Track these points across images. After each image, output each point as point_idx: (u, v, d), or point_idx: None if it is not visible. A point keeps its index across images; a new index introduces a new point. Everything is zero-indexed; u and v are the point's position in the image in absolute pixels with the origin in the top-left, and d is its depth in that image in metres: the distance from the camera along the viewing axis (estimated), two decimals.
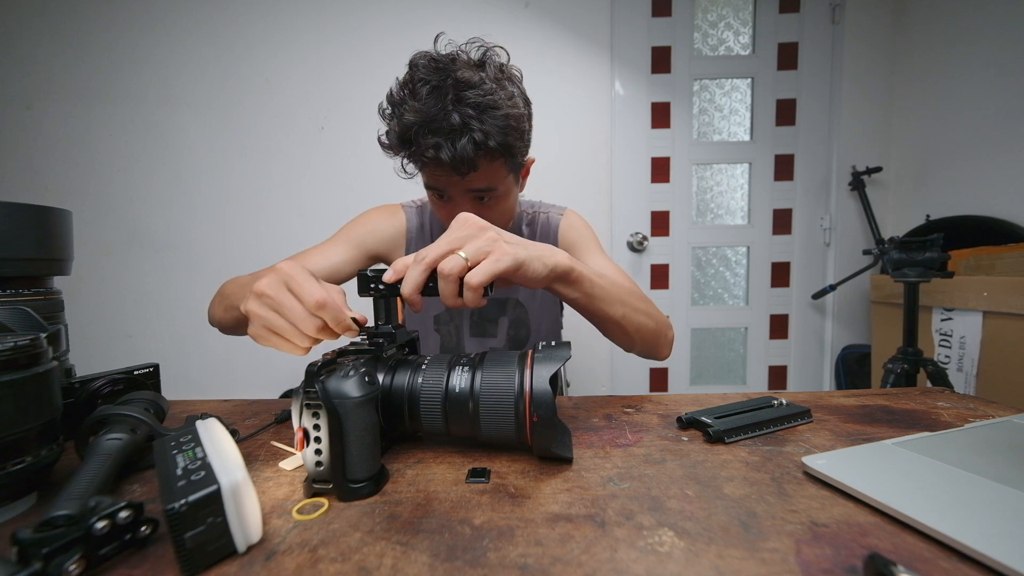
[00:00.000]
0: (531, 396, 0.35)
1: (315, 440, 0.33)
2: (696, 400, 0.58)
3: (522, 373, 0.36)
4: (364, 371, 0.34)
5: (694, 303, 1.80)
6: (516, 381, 0.36)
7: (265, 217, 1.67)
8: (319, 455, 0.33)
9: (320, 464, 0.33)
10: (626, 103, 1.70)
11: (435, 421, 0.38)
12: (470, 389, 0.37)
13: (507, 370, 0.37)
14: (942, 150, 1.55)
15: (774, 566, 0.26)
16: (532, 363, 0.36)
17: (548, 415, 0.35)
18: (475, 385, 0.37)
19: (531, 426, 0.36)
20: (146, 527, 0.28)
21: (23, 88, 1.61)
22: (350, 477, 0.33)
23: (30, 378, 0.32)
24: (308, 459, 0.33)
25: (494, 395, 0.36)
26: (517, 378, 0.36)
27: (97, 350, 1.67)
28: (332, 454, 0.32)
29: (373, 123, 0.65)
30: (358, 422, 0.33)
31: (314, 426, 0.32)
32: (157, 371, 0.51)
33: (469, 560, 0.27)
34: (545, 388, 0.35)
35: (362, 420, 0.33)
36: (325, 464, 0.33)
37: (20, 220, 0.43)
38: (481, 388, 0.37)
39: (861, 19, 1.67)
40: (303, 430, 0.32)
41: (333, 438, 0.32)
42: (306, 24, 1.63)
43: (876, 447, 0.40)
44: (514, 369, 0.37)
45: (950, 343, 1.28)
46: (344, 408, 0.32)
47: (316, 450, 0.33)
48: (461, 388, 0.37)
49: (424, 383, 0.38)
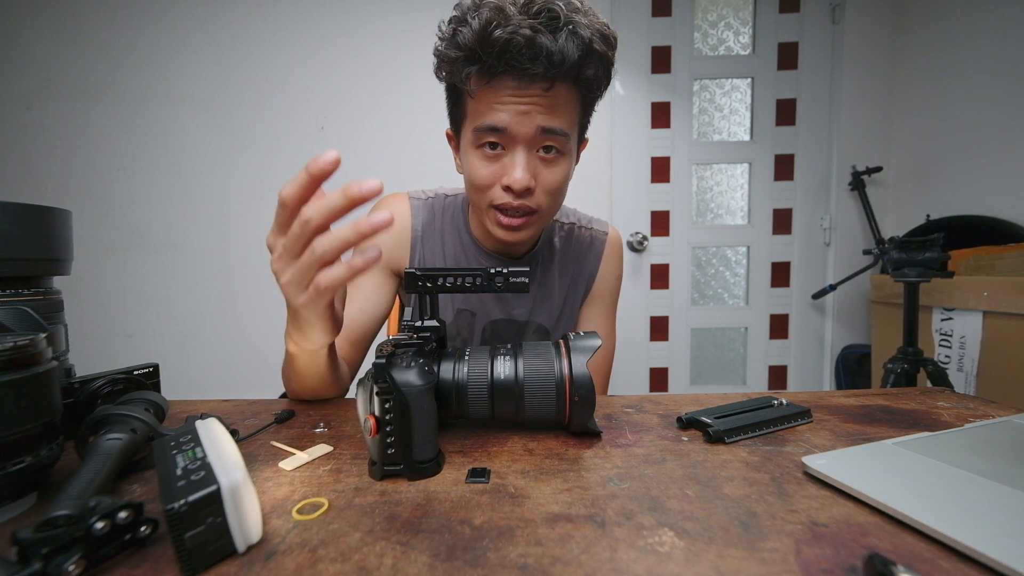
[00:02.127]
0: (572, 379, 0.40)
1: (385, 430, 0.35)
2: (696, 400, 0.58)
3: (561, 360, 0.41)
4: (423, 361, 0.37)
5: (694, 303, 1.80)
6: (557, 367, 0.41)
7: (265, 217, 1.66)
8: (389, 440, 0.36)
9: (391, 449, 0.36)
10: (626, 103, 1.70)
11: (481, 407, 0.42)
12: (515, 376, 0.41)
13: (547, 358, 0.41)
14: (942, 150, 1.55)
15: (774, 566, 0.26)
16: (569, 351, 0.41)
17: (587, 395, 0.39)
18: (519, 372, 0.41)
19: (571, 405, 0.40)
20: (146, 527, 0.28)
21: (23, 88, 1.61)
22: (417, 458, 0.36)
23: (30, 378, 0.32)
24: (379, 444, 0.35)
25: (538, 380, 0.40)
26: (557, 364, 0.41)
27: (97, 350, 1.67)
28: (402, 438, 0.35)
29: (373, 123, 0.65)
30: (422, 408, 0.36)
31: (385, 413, 0.35)
32: (157, 371, 0.51)
33: (469, 560, 0.27)
34: (584, 371, 0.40)
35: (425, 406, 0.36)
36: (395, 448, 0.36)
37: (20, 220, 0.43)
38: (525, 375, 0.41)
39: (861, 19, 1.67)
40: (375, 417, 0.35)
41: (403, 423, 0.35)
42: (306, 24, 1.63)
43: (876, 447, 0.40)
44: (552, 357, 0.41)
45: (950, 343, 1.28)
46: (411, 395, 0.35)
47: (387, 435, 0.35)
48: (506, 375, 0.41)
49: (471, 372, 0.41)
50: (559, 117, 0.52)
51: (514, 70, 0.49)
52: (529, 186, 0.53)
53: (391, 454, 0.36)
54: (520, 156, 0.53)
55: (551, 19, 0.47)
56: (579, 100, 0.54)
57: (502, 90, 0.50)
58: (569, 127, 0.54)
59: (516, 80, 0.50)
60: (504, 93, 0.50)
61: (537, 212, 0.56)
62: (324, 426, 0.50)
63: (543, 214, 0.58)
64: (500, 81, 0.50)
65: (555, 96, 0.51)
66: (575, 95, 0.53)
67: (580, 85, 0.52)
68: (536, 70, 0.48)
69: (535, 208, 0.56)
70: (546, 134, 0.52)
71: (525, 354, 0.42)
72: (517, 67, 0.48)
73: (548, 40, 0.47)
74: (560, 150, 0.54)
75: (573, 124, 0.55)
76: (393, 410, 0.35)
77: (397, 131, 1.63)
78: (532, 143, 0.53)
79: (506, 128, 0.52)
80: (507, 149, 0.54)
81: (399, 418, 0.35)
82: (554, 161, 0.55)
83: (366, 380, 0.36)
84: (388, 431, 0.35)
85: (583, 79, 0.51)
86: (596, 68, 0.51)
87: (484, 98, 0.52)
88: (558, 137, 0.53)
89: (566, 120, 0.53)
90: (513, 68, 0.48)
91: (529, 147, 0.53)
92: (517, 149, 0.53)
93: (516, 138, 0.52)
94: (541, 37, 0.47)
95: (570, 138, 0.55)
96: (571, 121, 0.54)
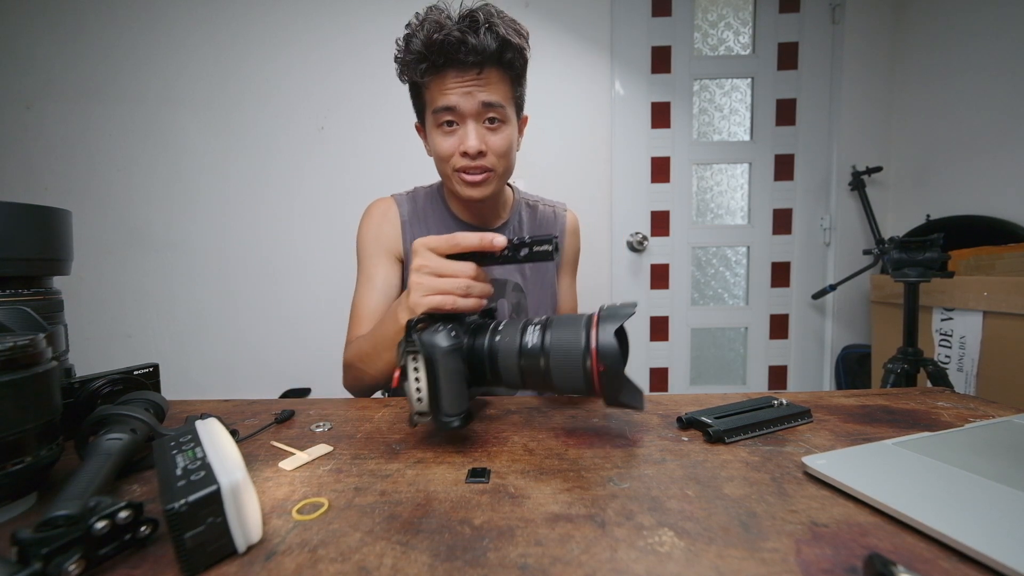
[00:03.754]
0: (597, 348, 0.38)
1: (414, 379, 0.40)
2: (696, 400, 0.58)
3: (588, 329, 0.39)
4: (451, 327, 0.41)
5: (694, 303, 1.80)
6: (583, 336, 0.39)
7: (265, 217, 1.67)
8: (419, 392, 0.40)
9: (420, 399, 0.40)
10: (626, 103, 1.70)
11: (512, 376, 0.43)
12: (540, 346, 0.41)
13: (575, 327, 0.40)
14: (942, 150, 1.55)
15: (774, 566, 0.26)
16: (598, 320, 0.40)
17: (614, 365, 0.38)
18: (545, 342, 0.41)
19: (599, 376, 0.39)
20: (146, 527, 0.28)
21: (23, 88, 1.61)
22: (444, 412, 0.40)
23: (30, 378, 0.32)
24: (411, 395, 0.41)
25: (563, 349, 0.40)
26: (584, 333, 0.39)
27: (97, 350, 1.67)
28: (429, 392, 0.40)
29: (373, 123, 0.66)
30: (447, 367, 0.40)
31: (413, 368, 0.40)
32: (157, 371, 0.51)
33: (469, 560, 0.27)
34: (610, 340, 0.38)
35: (450, 366, 0.40)
36: (424, 400, 0.40)
37: (20, 220, 0.43)
38: (551, 344, 0.40)
39: (861, 19, 1.67)
40: (400, 368, 0.40)
41: (430, 379, 0.40)
42: (306, 24, 1.63)
43: (876, 447, 0.40)
44: (581, 326, 0.40)
45: (950, 343, 1.28)
46: (435, 354, 0.39)
47: (416, 388, 0.40)
48: (533, 345, 0.41)
49: (500, 342, 0.43)
50: (494, 92, 0.68)
51: (453, 62, 0.65)
52: (481, 149, 0.68)
53: (420, 404, 0.40)
54: (471, 127, 0.68)
55: (473, 23, 0.64)
56: (507, 79, 0.70)
57: (448, 78, 0.66)
58: (504, 100, 0.69)
59: (456, 69, 0.65)
60: (449, 80, 0.66)
61: (493, 171, 0.71)
62: (324, 426, 0.51)
63: (498, 173, 0.72)
64: (445, 72, 0.66)
65: (488, 78, 0.66)
66: (503, 75, 0.69)
67: (504, 67, 0.68)
68: (467, 59, 0.64)
69: (491, 168, 0.70)
70: (487, 107, 0.67)
71: (554, 325, 0.41)
72: (455, 59, 0.64)
73: (473, 37, 0.63)
74: (501, 119, 0.69)
75: (508, 98, 0.70)
76: (421, 367, 0.40)
77: (397, 131, 1.63)
78: (478, 116, 0.68)
79: (455, 106, 0.67)
80: (460, 124, 0.68)
81: (426, 374, 0.40)
82: (498, 129, 0.70)
83: (402, 341, 0.40)
84: (418, 386, 0.40)
85: (505, 62, 0.67)
86: (512, 53, 0.67)
87: (436, 87, 0.67)
88: (497, 108, 0.68)
89: (500, 94, 0.68)
90: (452, 60, 0.64)
91: (476, 119, 0.68)
92: (467, 122, 0.68)
93: (465, 113, 0.67)
94: (468, 36, 0.63)
95: (507, 109, 0.70)
96: (505, 95, 0.70)
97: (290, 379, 1.70)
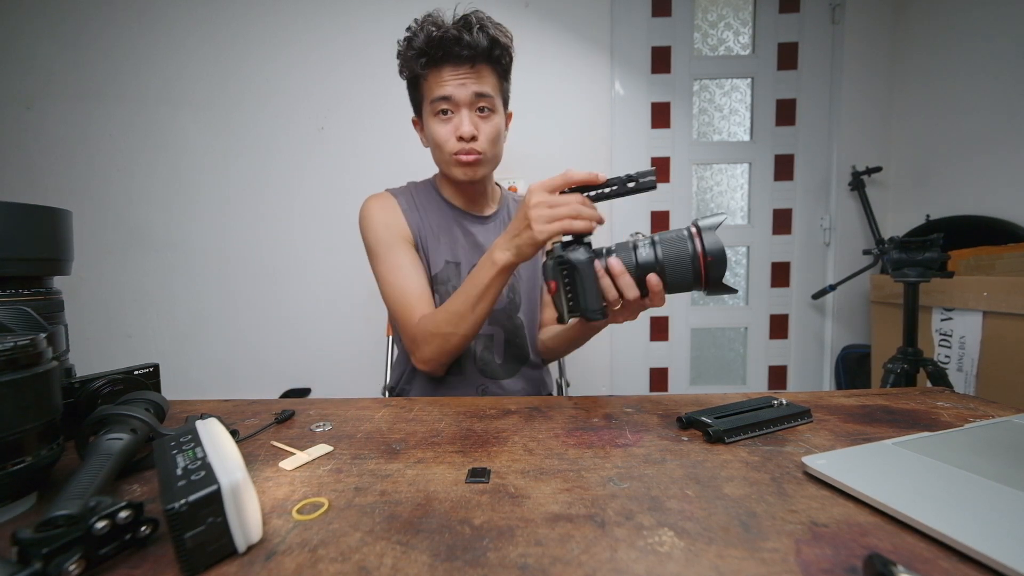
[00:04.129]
0: (704, 246, 0.48)
1: (565, 287, 0.52)
2: (696, 400, 0.58)
3: (692, 238, 0.49)
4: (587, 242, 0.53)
5: (694, 303, 1.80)
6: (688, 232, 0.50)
7: (265, 217, 1.67)
8: (569, 298, 0.52)
9: (571, 301, 0.52)
10: (626, 103, 1.70)
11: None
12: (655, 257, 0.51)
13: (680, 233, 0.50)
14: (942, 150, 1.55)
15: (774, 566, 0.26)
16: (699, 230, 0.49)
17: (718, 251, 0.48)
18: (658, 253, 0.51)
19: (705, 265, 0.48)
20: (146, 527, 0.28)
21: (23, 88, 1.61)
22: (589, 308, 0.51)
23: (30, 378, 0.32)
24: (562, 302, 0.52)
25: (675, 248, 0.50)
26: (687, 232, 0.50)
27: (97, 350, 1.67)
28: (577, 293, 0.51)
29: (373, 123, 0.66)
30: (586, 274, 0.51)
31: (564, 279, 0.52)
32: (157, 371, 0.51)
33: (469, 560, 0.27)
34: (715, 236, 0.48)
35: (589, 273, 0.51)
36: (575, 301, 0.52)
37: (20, 220, 0.43)
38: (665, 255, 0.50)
39: (861, 19, 1.67)
40: (554, 282, 0.52)
41: (576, 284, 0.51)
42: (306, 24, 1.63)
43: (876, 447, 0.40)
44: (685, 232, 0.50)
45: (950, 343, 1.28)
46: (580, 265, 0.51)
47: (568, 295, 0.52)
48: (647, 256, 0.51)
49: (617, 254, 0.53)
50: (485, 84, 0.76)
51: (450, 56, 0.74)
52: (474, 133, 0.76)
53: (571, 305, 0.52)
54: (464, 115, 0.76)
55: (467, 23, 0.73)
56: (495, 73, 0.78)
57: (444, 71, 0.75)
58: (493, 91, 0.78)
59: (452, 63, 0.74)
60: (446, 73, 0.75)
61: (483, 155, 0.78)
62: (324, 426, 0.51)
63: (488, 157, 0.79)
64: (442, 66, 0.75)
65: (479, 71, 0.75)
66: (492, 70, 0.78)
67: (493, 63, 0.77)
68: (462, 53, 0.73)
69: (481, 152, 0.78)
70: (479, 97, 0.76)
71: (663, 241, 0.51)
72: (451, 53, 0.73)
73: (467, 35, 0.72)
74: (491, 109, 0.78)
75: (496, 90, 0.79)
76: (572, 276, 0.51)
77: (397, 131, 1.63)
78: (471, 104, 0.76)
79: (451, 96, 0.75)
80: (455, 112, 0.76)
81: (572, 280, 0.51)
82: (488, 117, 0.78)
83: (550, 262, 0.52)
84: (569, 292, 0.52)
85: (494, 58, 0.76)
86: (500, 50, 0.76)
87: (434, 79, 0.76)
88: (487, 99, 0.77)
89: (490, 86, 0.77)
90: (449, 55, 0.73)
91: (470, 107, 0.76)
92: (462, 111, 0.76)
93: (459, 103, 0.75)
94: (463, 33, 0.72)
95: (495, 99, 0.78)
96: (494, 88, 0.78)
97: (290, 379, 1.70)
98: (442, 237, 0.83)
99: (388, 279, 0.79)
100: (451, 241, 0.84)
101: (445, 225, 0.85)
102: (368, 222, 0.82)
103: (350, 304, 1.67)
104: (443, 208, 0.86)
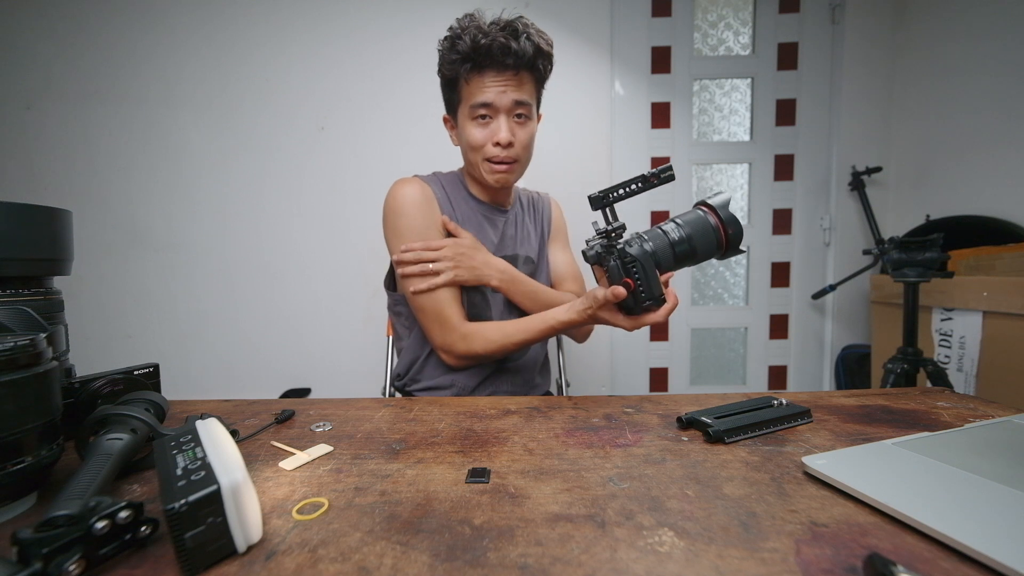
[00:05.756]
0: (723, 220, 0.56)
1: (637, 283, 0.57)
2: (696, 400, 0.58)
3: (709, 217, 0.56)
4: (645, 237, 0.57)
5: (694, 303, 1.80)
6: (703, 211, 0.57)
7: (265, 217, 1.67)
8: (640, 290, 0.57)
9: (643, 293, 0.57)
10: (626, 103, 1.70)
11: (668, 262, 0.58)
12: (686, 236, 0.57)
13: (697, 213, 0.57)
14: (942, 150, 1.55)
15: (774, 566, 0.26)
16: (713, 208, 0.56)
17: (734, 223, 0.56)
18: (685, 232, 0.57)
19: (727, 238, 0.56)
20: (146, 527, 0.28)
21: (23, 88, 1.61)
22: (654, 295, 0.57)
23: (30, 378, 0.32)
24: (637, 296, 0.57)
25: (700, 229, 0.56)
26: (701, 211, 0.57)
27: (97, 350, 1.67)
28: (646, 284, 0.57)
29: (373, 123, 0.66)
30: (648, 264, 0.56)
31: (635, 277, 0.57)
32: (157, 371, 0.51)
33: (469, 560, 0.27)
34: (729, 211, 0.56)
35: (650, 263, 0.56)
36: (644, 292, 0.57)
37: (20, 220, 0.43)
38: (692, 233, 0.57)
39: (861, 19, 1.67)
40: (631, 280, 0.57)
41: (644, 276, 0.57)
42: (306, 24, 1.63)
43: (876, 447, 0.40)
44: (703, 211, 0.57)
45: (950, 343, 1.28)
46: (644, 258, 0.56)
47: (639, 288, 0.57)
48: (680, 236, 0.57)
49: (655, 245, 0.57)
50: (525, 92, 0.77)
51: (494, 63, 0.74)
52: (511, 140, 0.77)
53: (643, 296, 0.57)
54: (503, 121, 0.77)
55: (514, 31, 0.73)
56: (535, 81, 0.80)
57: (487, 77, 0.75)
58: (531, 99, 0.79)
59: (496, 70, 0.75)
60: (488, 79, 0.75)
61: (517, 161, 0.81)
62: (324, 426, 0.51)
63: (521, 163, 0.82)
64: (485, 72, 0.75)
65: (521, 79, 0.76)
66: (532, 78, 0.79)
67: (534, 71, 0.78)
68: (507, 62, 0.73)
69: (515, 158, 0.80)
70: (518, 104, 0.77)
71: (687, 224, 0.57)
72: (496, 61, 0.73)
73: (515, 43, 0.72)
74: (527, 116, 0.79)
75: (534, 97, 0.81)
76: (640, 270, 0.56)
77: (397, 131, 1.63)
78: (509, 111, 0.77)
79: (492, 102, 0.76)
80: (493, 118, 0.78)
81: (641, 274, 0.57)
82: (524, 124, 0.79)
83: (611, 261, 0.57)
84: (640, 285, 0.57)
85: (536, 67, 0.77)
86: (543, 59, 0.78)
87: (475, 84, 0.76)
88: (526, 106, 0.78)
89: (529, 94, 0.78)
90: (493, 62, 0.74)
91: (508, 114, 0.77)
92: (500, 117, 0.77)
93: (499, 109, 0.76)
94: (511, 42, 0.72)
95: (532, 107, 0.80)
96: (532, 95, 0.80)
97: (290, 379, 1.70)
98: (469, 230, 0.85)
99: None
100: (477, 235, 0.85)
101: (473, 218, 0.87)
102: (402, 207, 0.80)
103: (350, 304, 1.67)
104: (470, 202, 0.88)
